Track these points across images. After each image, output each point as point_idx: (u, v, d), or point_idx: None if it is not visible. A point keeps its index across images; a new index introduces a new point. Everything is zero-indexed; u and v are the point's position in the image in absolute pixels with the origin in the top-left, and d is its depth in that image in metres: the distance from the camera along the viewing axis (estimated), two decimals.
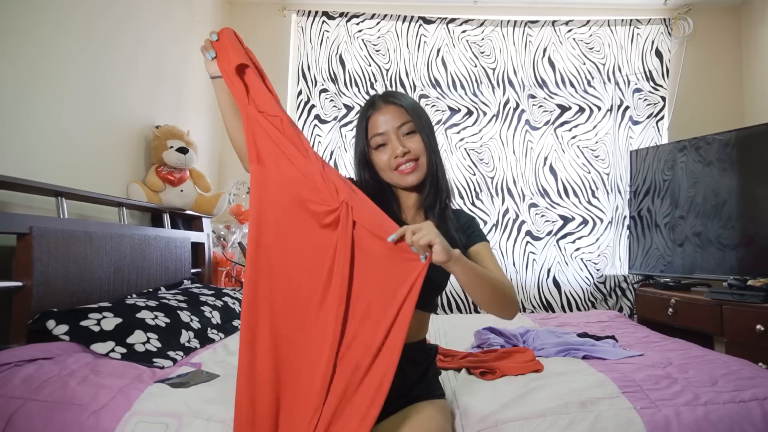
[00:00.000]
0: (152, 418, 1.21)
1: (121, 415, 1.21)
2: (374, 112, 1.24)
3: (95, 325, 1.58)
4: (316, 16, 3.50)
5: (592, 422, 1.20)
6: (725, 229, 2.79)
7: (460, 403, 1.35)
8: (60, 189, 1.78)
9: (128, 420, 1.20)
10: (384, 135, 1.22)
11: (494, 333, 1.97)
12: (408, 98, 1.27)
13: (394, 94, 1.27)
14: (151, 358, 1.56)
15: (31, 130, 1.81)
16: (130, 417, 1.20)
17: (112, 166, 2.30)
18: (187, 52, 2.99)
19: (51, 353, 1.46)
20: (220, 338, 1.97)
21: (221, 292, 2.34)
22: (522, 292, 3.38)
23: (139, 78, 2.50)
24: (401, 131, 1.22)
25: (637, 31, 3.47)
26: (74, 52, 2.02)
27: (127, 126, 2.42)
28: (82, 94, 2.08)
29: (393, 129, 1.22)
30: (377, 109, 1.24)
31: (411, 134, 1.23)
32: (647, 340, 2.01)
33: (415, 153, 1.23)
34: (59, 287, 1.67)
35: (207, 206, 2.73)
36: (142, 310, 1.74)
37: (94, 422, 1.19)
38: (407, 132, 1.23)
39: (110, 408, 1.22)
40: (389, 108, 1.23)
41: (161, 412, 1.22)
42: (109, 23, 2.24)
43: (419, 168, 1.24)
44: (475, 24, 3.50)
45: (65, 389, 1.27)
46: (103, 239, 1.90)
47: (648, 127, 3.43)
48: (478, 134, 3.45)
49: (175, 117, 2.84)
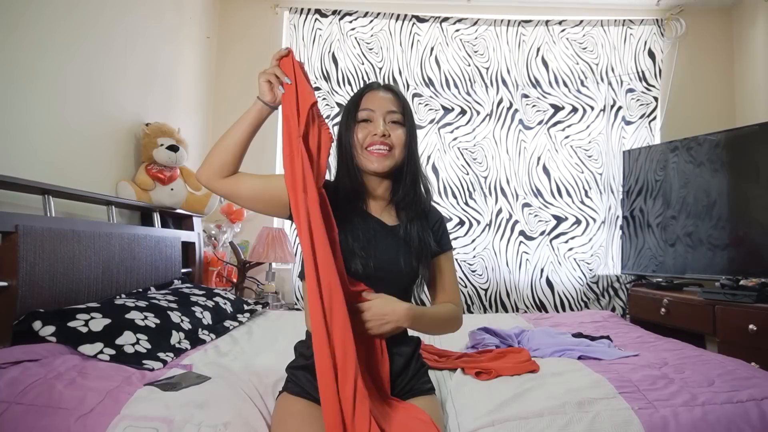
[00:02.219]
0: (142, 422, 1.17)
1: (109, 419, 1.17)
2: (372, 91, 1.28)
3: (83, 326, 1.55)
4: (308, 14, 3.47)
5: (589, 423, 1.19)
6: (716, 229, 2.80)
7: (456, 402, 1.34)
8: (47, 187, 1.74)
9: (117, 425, 1.16)
10: (372, 112, 1.26)
11: (489, 333, 1.95)
12: (402, 95, 1.32)
13: (395, 87, 1.33)
14: (140, 359, 1.53)
15: (18, 126, 1.77)
16: (118, 422, 1.16)
17: (100, 163, 2.26)
18: (177, 49, 2.95)
19: (37, 355, 1.42)
20: (211, 339, 1.94)
21: (212, 292, 2.31)
22: (515, 292, 3.37)
23: (128, 75, 2.46)
24: (389, 117, 1.26)
25: (630, 31, 3.48)
26: (63, 48, 1.98)
27: (116, 123, 2.37)
28: (70, 91, 2.03)
29: (382, 112, 1.25)
30: (376, 90, 1.29)
31: (396, 124, 1.26)
32: (641, 340, 2.00)
33: (392, 141, 1.25)
34: (46, 287, 1.63)
35: (198, 205, 2.69)
36: (131, 311, 1.71)
37: (81, 427, 1.15)
38: (394, 121, 1.26)
39: (98, 412, 1.18)
40: (387, 94, 1.28)
41: (151, 417, 1.18)
42: (99, 20, 2.20)
43: (390, 157, 1.26)
44: (469, 23, 3.49)
45: (51, 392, 1.23)
46: (92, 238, 1.86)
47: (641, 127, 3.44)
48: (472, 133, 3.44)
49: (165, 115, 2.80)
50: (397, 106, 1.27)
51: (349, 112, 1.28)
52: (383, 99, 1.27)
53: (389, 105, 1.26)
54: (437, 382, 1.47)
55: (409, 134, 1.27)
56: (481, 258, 3.39)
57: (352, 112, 1.28)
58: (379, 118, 1.25)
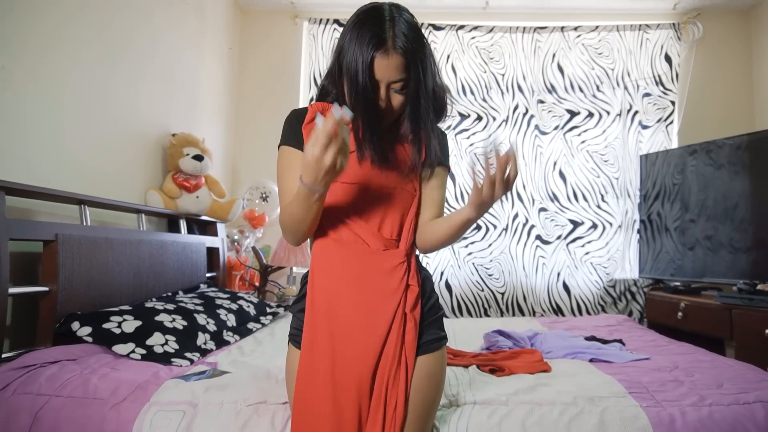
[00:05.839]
0: (169, 407, 1.28)
1: (140, 406, 1.28)
2: (380, 56, 1.11)
3: (116, 328, 1.65)
4: (327, 24, 3.57)
5: (599, 415, 1.25)
6: (737, 231, 2.78)
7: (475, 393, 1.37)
8: (83, 197, 1.84)
9: (147, 410, 1.27)
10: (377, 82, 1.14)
11: (503, 335, 2.00)
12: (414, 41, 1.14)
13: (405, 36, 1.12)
14: (169, 358, 1.62)
15: (54, 139, 1.88)
16: (149, 408, 1.28)
17: (130, 173, 2.38)
18: (199, 59, 3.07)
19: (73, 355, 1.53)
20: (235, 340, 2.03)
21: (236, 295, 2.40)
22: (532, 295, 3.40)
23: (155, 87, 2.58)
24: (393, 87, 1.15)
25: (646, 36, 3.49)
26: (95, 64, 2.09)
27: (144, 134, 2.49)
28: (100, 105, 2.15)
29: (386, 82, 1.13)
30: (385, 54, 1.11)
31: (400, 91, 1.16)
32: (654, 344, 2.03)
33: (391, 109, 1.18)
34: (82, 291, 1.74)
35: (222, 212, 2.80)
36: (160, 313, 1.81)
37: (115, 414, 1.26)
38: (397, 89, 1.15)
39: (130, 400, 1.30)
40: (394, 57, 1.11)
41: (177, 401, 1.30)
42: (124, 35, 2.32)
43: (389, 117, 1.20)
44: (485, 30, 3.54)
45: (87, 385, 1.34)
46: (123, 245, 1.97)
47: (657, 131, 3.44)
48: (488, 139, 3.48)
49: (189, 124, 2.92)
50: (402, 71, 1.13)
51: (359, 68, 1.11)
52: (390, 66, 1.11)
53: (394, 73, 1.12)
54: (454, 376, 1.52)
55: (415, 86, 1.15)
56: (498, 262, 3.43)
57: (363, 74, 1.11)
58: (382, 89, 1.14)
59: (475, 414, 1.26)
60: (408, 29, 1.13)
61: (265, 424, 1.24)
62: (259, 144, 3.59)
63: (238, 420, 1.25)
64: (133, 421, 1.24)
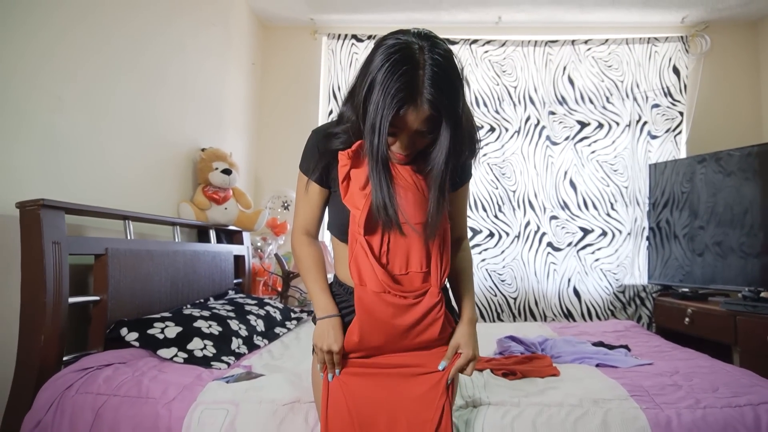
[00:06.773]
0: (214, 405, 1.44)
1: (189, 405, 1.43)
2: (411, 109, 1.06)
3: (160, 333, 1.81)
4: (345, 39, 3.71)
5: (602, 416, 1.38)
6: (748, 237, 2.85)
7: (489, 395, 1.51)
8: (127, 213, 2.01)
9: (195, 408, 1.42)
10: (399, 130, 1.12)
11: (515, 341, 2.13)
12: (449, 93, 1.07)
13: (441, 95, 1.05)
14: (208, 362, 1.78)
15: (99, 160, 2.05)
16: (196, 406, 1.43)
17: (164, 186, 2.55)
18: (225, 76, 3.23)
19: (124, 358, 1.69)
20: (265, 344, 2.18)
21: (263, 301, 2.56)
22: (543, 300, 3.52)
23: (185, 106, 2.75)
24: (417, 134, 1.13)
25: (655, 48, 3.59)
26: (131, 89, 2.27)
27: (176, 150, 2.66)
28: (138, 126, 2.32)
29: (410, 131, 1.12)
30: (415, 108, 1.06)
31: (422, 134, 1.13)
32: (659, 350, 2.14)
33: (415, 149, 1.18)
34: (127, 300, 1.90)
35: (248, 222, 2.96)
36: (198, 320, 1.96)
37: (167, 412, 1.42)
38: (422, 135, 1.13)
39: (179, 400, 1.45)
40: (424, 112, 1.07)
41: (221, 401, 1.46)
42: (159, 62, 2.48)
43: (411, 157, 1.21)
44: (498, 44, 3.66)
45: (140, 386, 1.50)
46: (161, 256, 2.13)
47: (666, 141, 3.54)
48: (501, 150, 3.61)
49: (216, 139, 3.08)
50: (430, 124, 1.09)
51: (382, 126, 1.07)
52: (419, 119, 1.08)
53: (422, 124, 1.09)
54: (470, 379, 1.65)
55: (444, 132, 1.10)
56: (511, 268, 3.55)
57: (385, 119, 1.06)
58: (404, 136, 1.13)
59: (490, 414, 1.39)
60: (442, 79, 1.05)
61: (299, 421, 1.39)
62: (281, 155, 3.75)
63: (275, 417, 1.40)
64: (183, 418, 1.40)
